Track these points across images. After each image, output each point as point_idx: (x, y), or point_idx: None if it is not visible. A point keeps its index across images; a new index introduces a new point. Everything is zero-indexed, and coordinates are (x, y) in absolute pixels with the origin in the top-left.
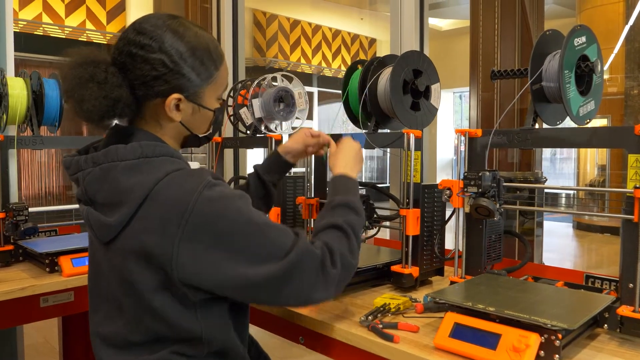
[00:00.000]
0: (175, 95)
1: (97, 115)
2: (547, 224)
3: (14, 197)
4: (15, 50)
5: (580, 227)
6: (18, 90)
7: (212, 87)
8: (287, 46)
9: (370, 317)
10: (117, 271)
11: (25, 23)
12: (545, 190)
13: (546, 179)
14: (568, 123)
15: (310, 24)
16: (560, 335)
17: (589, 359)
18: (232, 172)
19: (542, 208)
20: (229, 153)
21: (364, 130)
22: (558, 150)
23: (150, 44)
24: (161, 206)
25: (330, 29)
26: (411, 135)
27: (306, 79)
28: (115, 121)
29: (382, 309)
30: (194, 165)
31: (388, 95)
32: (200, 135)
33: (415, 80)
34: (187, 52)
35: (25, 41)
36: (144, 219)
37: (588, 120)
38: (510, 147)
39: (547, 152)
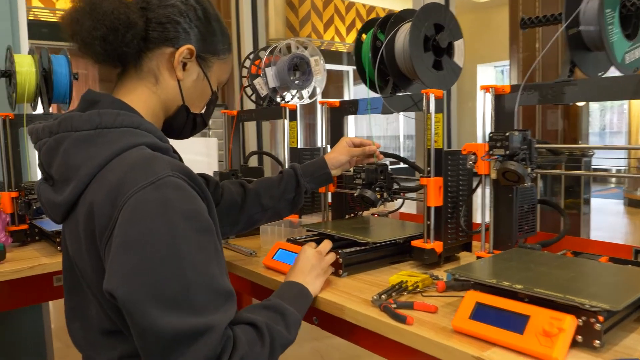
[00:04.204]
0: (190, 46)
1: (104, 29)
2: (595, 201)
3: (27, 176)
4: None
5: (632, 203)
6: (26, 68)
7: (220, 66)
8: (320, 25)
9: (383, 296)
10: (75, 256)
11: None
12: (593, 165)
13: (594, 153)
14: (613, 74)
15: (343, 1)
16: (601, 318)
17: (636, 346)
18: (256, 145)
19: (585, 172)
20: (251, 126)
21: (381, 94)
22: (607, 123)
23: None
24: (103, 188)
25: (364, 5)
26: (431, 95)
27: (340, 58)
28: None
29: (397, 287)
30: (211, 141)
31: (407, 53)
32: (191, 112)
33: (436, 36)
34: (215, 17)
35: None
36: (88, 201)
37: (637, 69)
38: (544, 102)
39: (594, 126)
